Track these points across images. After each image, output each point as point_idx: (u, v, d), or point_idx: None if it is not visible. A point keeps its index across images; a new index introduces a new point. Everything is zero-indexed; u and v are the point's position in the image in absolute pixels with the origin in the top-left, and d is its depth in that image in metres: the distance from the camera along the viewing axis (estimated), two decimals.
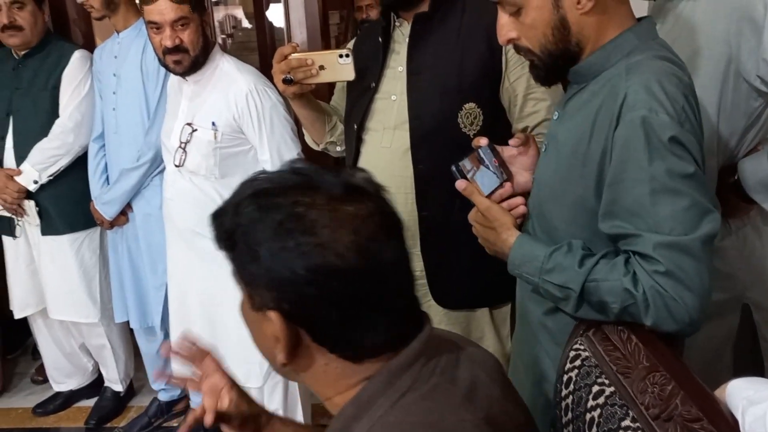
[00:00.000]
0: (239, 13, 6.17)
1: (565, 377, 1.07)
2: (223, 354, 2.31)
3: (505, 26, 1.14)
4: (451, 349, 0.85)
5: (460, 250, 1.33)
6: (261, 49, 3.84)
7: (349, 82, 1.64)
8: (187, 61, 1.96)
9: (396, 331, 0.79)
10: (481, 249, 1.26)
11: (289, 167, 0.82)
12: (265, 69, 2.53)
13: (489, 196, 1.21)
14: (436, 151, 1.56)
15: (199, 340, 1.07)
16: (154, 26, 1.92)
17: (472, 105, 1.56)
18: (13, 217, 2.45)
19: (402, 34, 1.63)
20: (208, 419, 0.96)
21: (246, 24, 5.92)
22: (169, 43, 1.91)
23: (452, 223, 1.50)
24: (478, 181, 1.22)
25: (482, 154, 1.24)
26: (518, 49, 1.17)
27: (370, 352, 0.78)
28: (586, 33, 1.10)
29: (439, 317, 1.62)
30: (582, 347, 1.05)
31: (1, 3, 2.25)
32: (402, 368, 0.78)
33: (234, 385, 1.02)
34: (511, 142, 1.29)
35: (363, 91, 1.66)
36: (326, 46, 3.06)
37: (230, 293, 2.05)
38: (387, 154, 1.62)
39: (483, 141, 1.26)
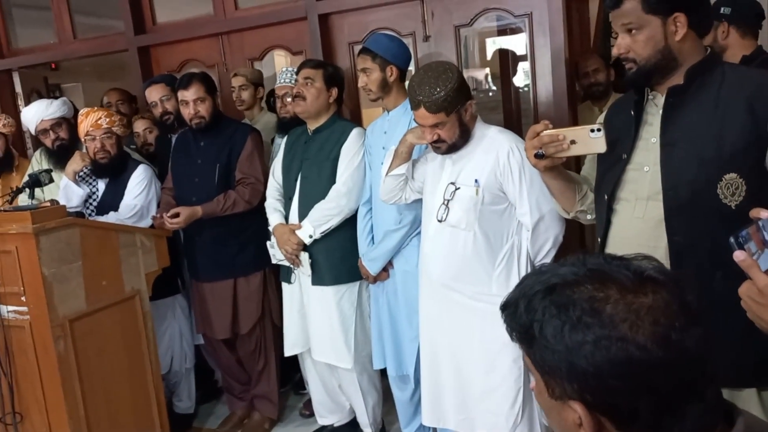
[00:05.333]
0: (480, 74, 6.48)
1: None
2: (468, 404, 2.38)
3: None
4: None
5: (723, 324, 1.28)
6: (506, 110, 4.08)
7: (600, 153, 1.70)
8: (445, 147, 2.23)
9: (705, 420, 0.77)
10: (748, 324, 1.20)
11: (574, 260, 0.82)
12: (509, 129, 2.65)
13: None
14: (693, 222, 1.55)
15: None
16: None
17: (733, 175, 1.53)
18: (291, 266, 2.87)
19: (655, 105, 1.66)
20: None
21: (485, 82, 6.19)
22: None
23: (712, 295, 1.46)
24: (756, 254, 1.18)
25: (763, 226, 1.20)
26: None
27: None
28: None
29: None
30: None
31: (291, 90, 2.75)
32: None
33: None
34: None
35: (614, 162, 1.70)
36: (573, 114, 3.11)
37: (476, 345, 2.23)
38: (639, 225, 1.64)
39: (764, 213, 1.22)
